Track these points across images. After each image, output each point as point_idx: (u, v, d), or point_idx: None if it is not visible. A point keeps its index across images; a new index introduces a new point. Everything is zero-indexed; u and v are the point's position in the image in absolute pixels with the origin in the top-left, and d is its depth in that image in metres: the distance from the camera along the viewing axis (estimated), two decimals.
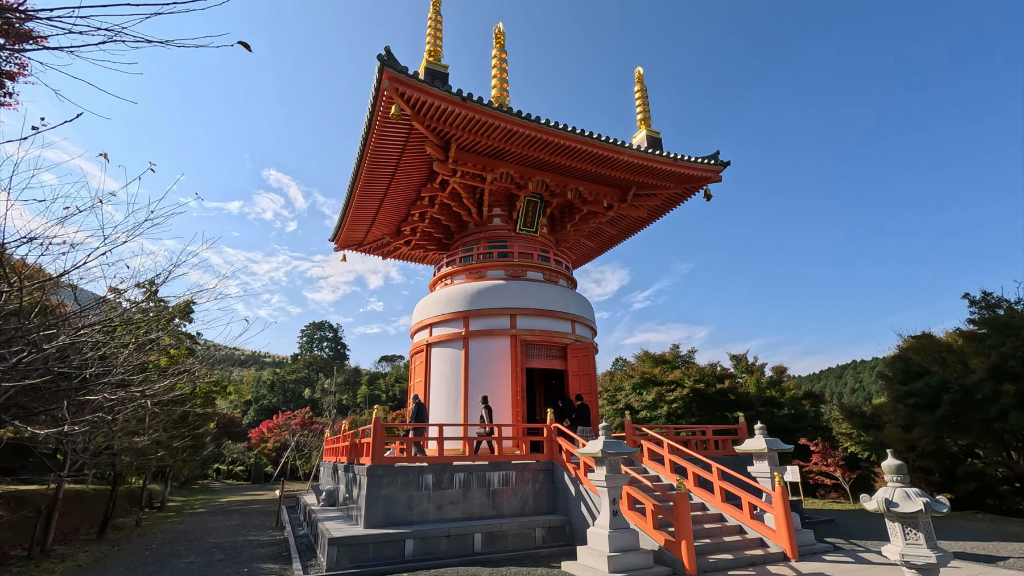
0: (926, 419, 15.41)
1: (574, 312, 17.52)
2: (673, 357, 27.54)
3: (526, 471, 12.43)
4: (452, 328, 16.82)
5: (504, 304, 16.60)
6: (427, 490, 11.19)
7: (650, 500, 9.57)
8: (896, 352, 17.96)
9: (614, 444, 9.16)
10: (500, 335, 16.27)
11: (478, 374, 15.95)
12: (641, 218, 21.11)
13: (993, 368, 13.87)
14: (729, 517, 10.80)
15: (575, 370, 16.71)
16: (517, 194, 18.35)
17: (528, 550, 10.79)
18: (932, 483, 19.28)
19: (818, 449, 21.57)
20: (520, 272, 17.76)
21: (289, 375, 74.18)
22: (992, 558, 9.72)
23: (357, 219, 20.10)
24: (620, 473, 9.19)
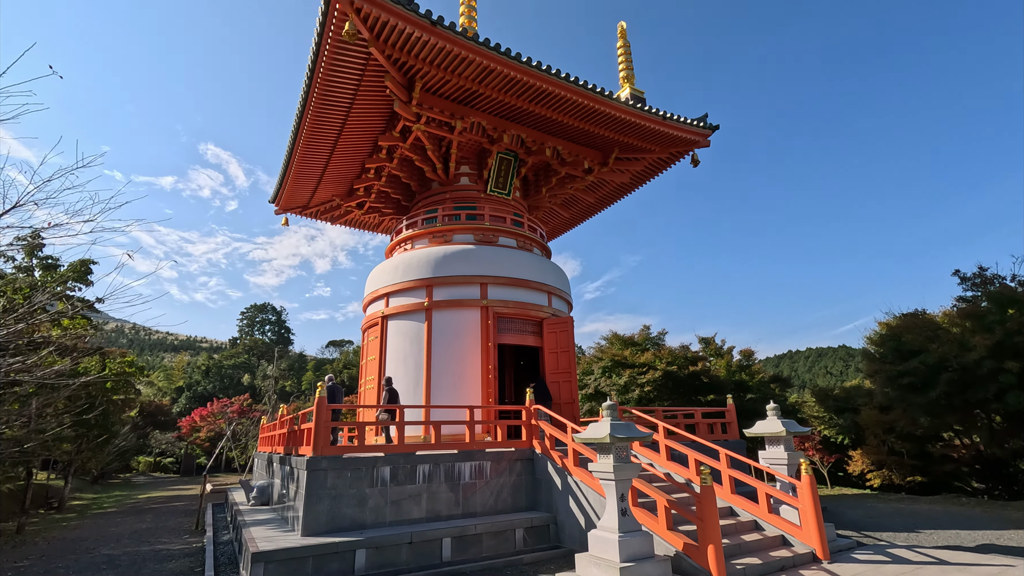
0: (918, 400, 14.71)
1: (551, 283, 15.69)
2: (643, 339, 26.35)
3: (502, 460, 10.54)
4: (412, 298, 14.60)
5: (473, 271, 14.54)
6: (383, 485, 9.08)
7: (662, 495, 7.89)
8: (884, 331, 17.31)
9: (624, 427, 7.39)
10: (469, 306, 14.22)
11: (443, 350, 13.86)
12: (622, 185, 19.48)
13: (996, 345, 13.21)
14: (742, 511, 9.31)
15: (552, 347, 14.91)
16: (489, 149, 16.24)
17: (507, 556, 8.92)
18: (907, 465, 18.91)
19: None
20: (491, 237, 15.72)
21: (227, 360, 69.01)
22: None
23: (302, 175, 17.35)
24: (631, 463, 7.43)
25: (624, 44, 18.88)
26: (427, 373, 13.67)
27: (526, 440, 11.11)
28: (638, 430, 7.50)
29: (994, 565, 7.54)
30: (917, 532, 10.45)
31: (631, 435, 7.30)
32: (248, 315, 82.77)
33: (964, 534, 10.13)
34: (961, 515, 12.38)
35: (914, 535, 10.18)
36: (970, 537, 9.85)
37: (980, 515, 12.35)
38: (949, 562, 7.77)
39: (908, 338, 15.61)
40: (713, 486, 7.27)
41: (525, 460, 10.90)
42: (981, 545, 9.18)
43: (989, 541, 9.47)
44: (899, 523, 11.41)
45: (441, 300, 14.30)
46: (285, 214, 20.37)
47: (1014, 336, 13.09)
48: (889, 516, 12.51)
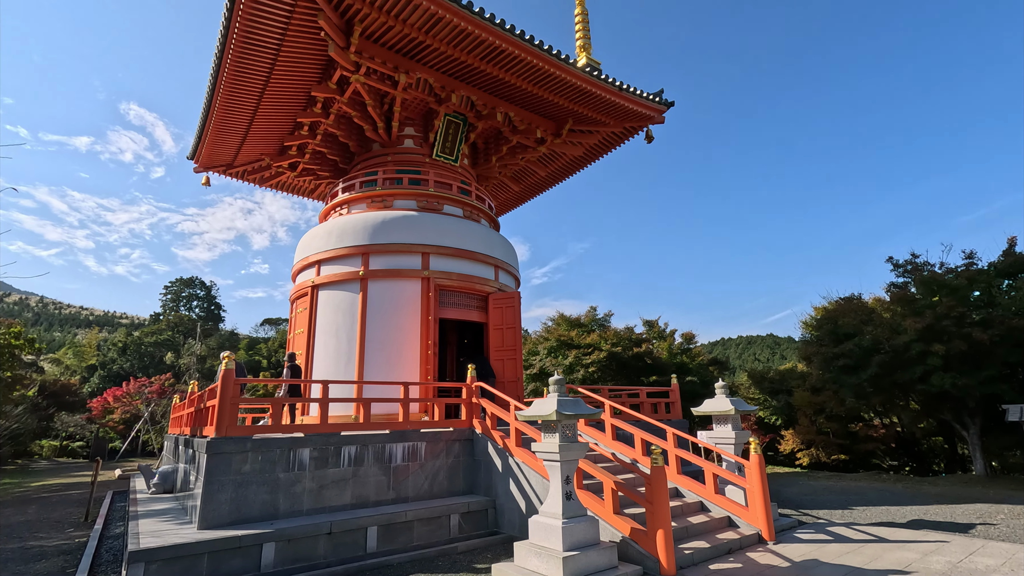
0: (851, 381, 15.17)
1: (498, 256, 14.86)
2: (589, 320, 26.17)
3: (439, 441, 9.71)
4: (347, 266, 13.35)
5: (415, 240, 13.46)
6: (302, 470, 8.03)
7: (609, 476, 7.33)
8: (821, 314, 17.80)
9: (571, 403, 6.72)
10: (409, 277, 13.16)
11: (379, 323, 12.77)
12: (575, 159, 18.83)
13: (926, 328, 13.71)
14: (688, 492, 8.98)
15: (497, 323, 14.14)
16: (436, 110, 15.06)
17: (441, 544, 8.15)
18: (833, 444, 19.76)
19: None
20: (435, 204, 14.64)
21: (147, 337, 63.79)
22: (956, 526, 8.88)
23: (224, 128, 15.46)
24: (578, 443, 6.79)
25: (582, 12, 18.05)
26: (361, 348, 12.55)
27: (466, 420, 10.33)
28: (586, 407, 6.86)
29: (930, 541, 7.54)
30: (851, 509, 10.58)
31: (579, 412, 6.65)
32: (173, 289, 76.93)
33: (894, 510, 10.34)
34: (887, 491, 12.80)
35: (849, 512, 10.29)
36: (900, 513, 10.04)
37: (903, 491, 12.81)
38: (888, 539, 7.72)
39: (844, 321, 16.07)
40: (664, 466, 6.77)
41: (464, 441, 10.12)
42: (912, 521, 9.33)
43: (918, 517, 9.66)
44: (833, 500, 11.59)
45: (378, 269, 13.15)
46: (206, 172, 18.29)
47: (942, 320, 13.63)
48: (822, 493, 12.75)
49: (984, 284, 14.48)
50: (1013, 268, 14.64)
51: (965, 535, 8.12)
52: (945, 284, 14.61)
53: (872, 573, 6.22)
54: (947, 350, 13.30)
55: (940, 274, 15.13)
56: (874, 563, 6.60)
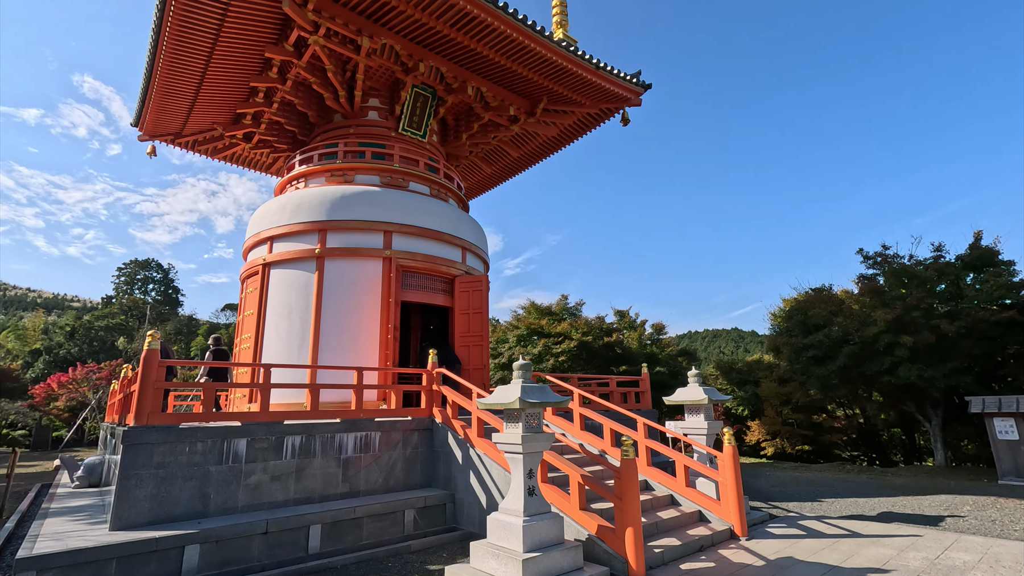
0: (819, 372, 15.12)
1: (466, 237, 14.13)
2: (560, 309, 25.72)
3: (395, 431, 9.01)
4: (302, 243, 12.42)
5: (377, 217, 12.60)
6: (237, 462, 7.22)
7: (575, 469, 6.78)
8: (792, 305, 17.75)
9: (537, 391, 6.12)
10: (369, 256, 12.32)
11: (336, 305, 11.92)
12: (550, 140, 18.17)
13: (896, 320, 13.70)
14: (657, 485, 8.55)
15: (463, 307, 13.45)
16: (403, 80, 14.15)
17: (393, 543, 7.49)
18: (798, 435, 19.88)
19: None
20: (400, 181, 13.78)
21: (98, 321, 60.55)
22: (926, 518, 8.72)
23: (169, 91, 14.17)
24: (543, 433, 6.21)
25: None
26: (315, 331, 11.69)
27: (425, 408, 9.65)
28: (553, 394, 6.27)
29: (903, 536, 7.29)
30: (820, 501, 10.40)
31: (545, 400, 6.06)
32: (127, 272, 73.23)
33: (862, 502, 10.18)
34: (853, 483, 12.75)
35: (819, 504, 10.08)
36: (868, 505, 9.88)
37: (868, 482, 12.78)
38: (861, 534, 7.44)
39: (814, 312, 16.01)
40: (635, 459, 6.25)
41: (423, 431, 9.45)
42: (882, 514, 9.15)
43: (887, 509, 9.51)
44: (802, 492, 11.42)
45: (336, 247, 12.26)
46: (151, 141, 16.90)
47: (912, 311, 13.64)
48: (789, 484, 12.61)
49: (952, 276, 14.58)
50: (980, 261, 14.79)
51: (936, 528, 7.94)
52: (915, 275, 14.66)
53: (850, 572, 5.87)
54: (915, 342, 13.31)
55: (910, 265, 15.20)
56: (851, 560, 6.26)
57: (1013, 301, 13.74)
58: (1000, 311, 13.49)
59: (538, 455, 6.20)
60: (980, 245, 15.10)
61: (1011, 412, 12.06)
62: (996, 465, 12.24)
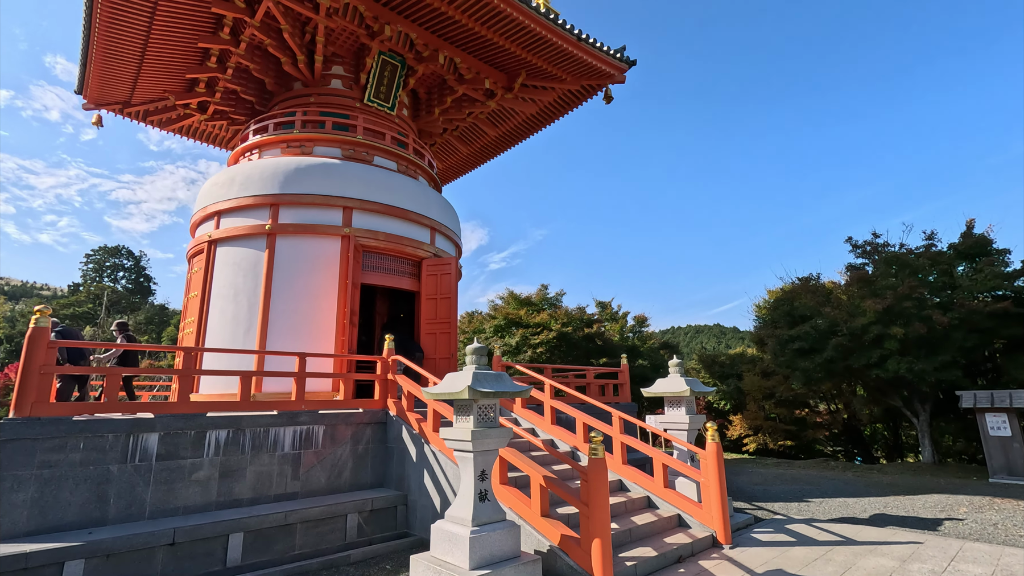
0: (805, 365, 14.48)
1: (435, 218, 13.13)
2: (540, 299, 24.84)
3: (344, 425, 8.04)
4: (251, 219, 11.32)
5: (336, 191, 11.54)
6: (147, 461, 6.20)
7: (538, 469, 5.90)
8: (779, 295, 17.11)
9: (491, 379, 5.21)
10: (326, 234, 11.27)
11: (287, 287, 10.86)
12: (530, 118, 17.19)
13: (886, 310, 13.08)
14: (633, 486, 7.72)
15: (431, 292, 12.48)
16: (368, 46, 13.06)
17: (331, 553, 6.54)
18: (781, 430, 19.34)
19: None
20: (364, 155, 12.71)
21: (64, 309, 58.13)
22: (923, 522, 8.04)
23: (111, 53, 12.88)
24: (498, 428, 5.30)
25: None
26: (264, 316, 10.62)
27: (379, 399, 8.69)
28: (512, 384, 5.37)
29: (903, 543, 6.57)
30: (807, 501, 9.70)
31: (500, 390, 5.15)
32: (96, 259, 70.44)
33: (852, 503, 9.51)
34: (839, 481, 12.12)
35: (806, 505, 9.38)
36: (859, 506, 9.21)
37: (855, 480, 12.17)
38: (856, 540, 6.70)
39: (801, 302, 15.37)
40: (605, 458, 5.38)
41: (376, 425, 8.50)
42: (874, 516, 8.46)
43: (879, 511, 8.83)
44: (787, 491, 10.73)
45: (289, 224, 11.19)
46: (97, 110, 15.56)
47: (904, 301, 13.03)
48: (774, 482, 11.94)
49: (945, 266, 14.01)
50: (973, 250, 14.27)
51: (937, 534, 7.25)
52: (908, 263, 14.06)
53: None
54: (906, 334, 12.71)
55: (902, 254, 14.60)
56: (849, 573, 5.49)
57: (1007, 291, 13.23)
58: (994, 302, 12.97)
59: (492, 454, 5.30)
60: (972, 234, 14.58)
61: (1004, 407, 11.53)
62: (987, 463, 11.71)
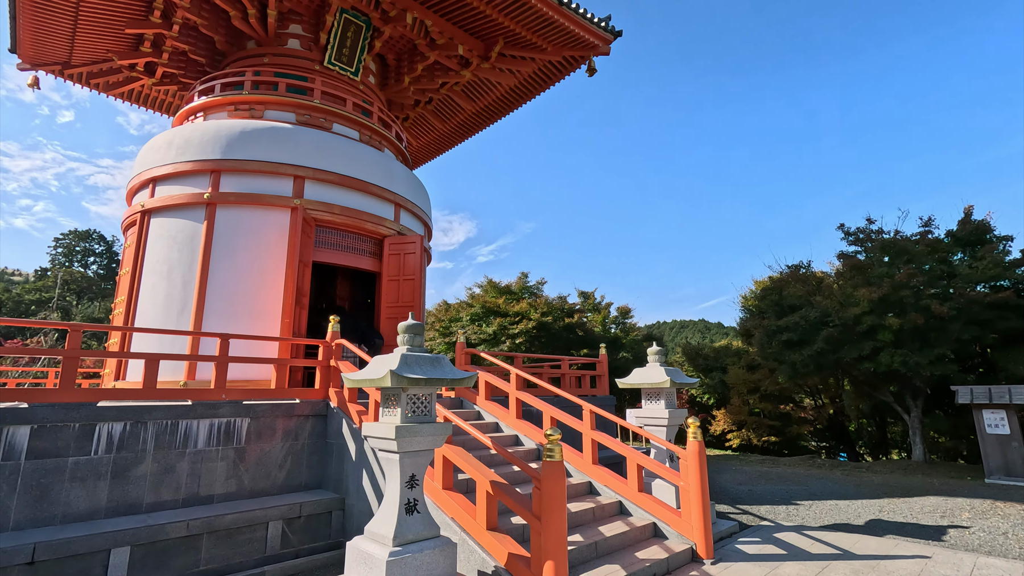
0: (794, 357, 13.72)
1: (401, 192, 12.05)
2: (520, 288, 23.86)
3: (277, 417, 7.00)
4: (189, 187, 10.14)
5: (286, 158, 10.40)
6: (14, 459, 5.11)
7: (485, 473, 4.93)
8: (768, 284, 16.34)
9: (423, 362, 4.22)
10: (273, 205, 10.14)
11: (227, 264, 9.73)
12: (509, 92, 16.09)
13: (881, 300, 12.33)
14: (604, 489, 6.80)
15: (393, 273, 11.43)
16: (328, 2, 11.89)
17: (244, 569, 5.53)
18: (765, 425, 18.67)
19: None
20: (321, 121, 11.57)
21: (28, 294, 55.82)
22: (924, 530, 7.25)
23: (40, 5, 11.57)
24: (432, 422, 4.31)
25: None
26: (200, 295, 9.49)
27: (320, 388, 7.66)
28: (451, 369, 4.38)
29: (908, 557, 5.74)
30: (796, 504, 8.89)
31: (435, 376, 4.15)
32: (65, 243, 67.84)
33: (844, 505, 8.72)
34: (827, 480, 11.38)
35: (795, 509, 8.57)
36: (852, 510, 8.42)
37: (844, 480, 11.44)
38: (855, 554, 5.86)
39: (791, 291, 14.58)
40: (563, 461, 4.43)
41: (317, 417, 7.48)
42: (870, 522, 7.67)
43: (874, 516, 8.04)
44: (773, 493, 9.92)
45: (232, 193, 10.03)
46: (34, 71, 14.17)
47: (900, 289, 12.29)
48: (758, 481, 11.15)
49: (943, 253, 13.29)
50: (972, 237, 13.58)
51: (943, 545, 6.45)
52: (906, 250, 13.31)
53: None
54: (901, 325, 11.98)
55: (902, 239, 13.86)
56: None
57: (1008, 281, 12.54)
58: (995, 292, 12.29)
59: (424, 455, 4.31)
60: (971, 220, 13.89)
61: (1002, 404, 10.86)
62: (983, 462, 11.04)
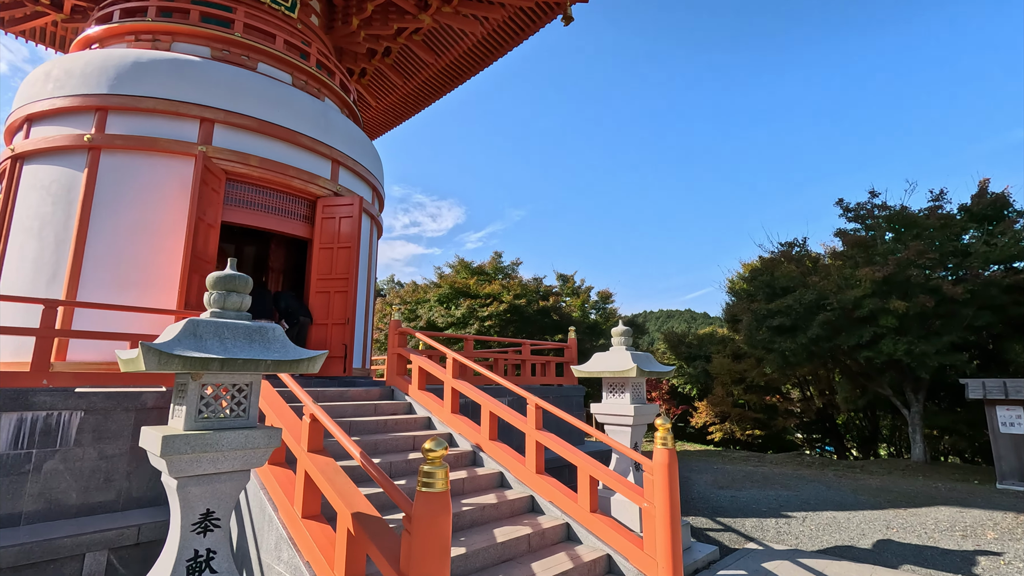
0: (786, 345, 12.36)
1: (340, 147, 10.33)
2: (494, 268, 22.26)
3: (126, 410, 5.38)
4: (68, 127, 8.34)
5: (191, 97, 8.62)
6: None
7: (351, 499, 3.37)
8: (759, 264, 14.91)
9: (231, 333, 2.62)
10: (172, 152, 8.37)
11: (112, 222, 7.99)
12: (477, 44, 14.28)
13: (885, 280, 10.96)
14: (549, 506, 5.30)
15: (326, 240, 9.77)
16: None
17: None
18: (749, 418, 17.43)
19: None
20: (243, 59, 9.77)
21: None
22: (948, 556, 5.88)
23: None
24: (248, 429, 2.73)
25: None
26: (76, 257, 7.75)
27: None
28: (284, 345, 2.80)
29: None
30: (788, 517, 7.52)
31: (245, 356, 2.57)
32: None
33: (843, 519, 7.36)
34: (819, 483, 10.05)
35: (786, 523, 7.18)
36: (854, 524, 7.06)
37: (837, 483, 10.13)
38: None
39: (784, 271, 13.16)
40: (447, 491, 2.88)
41: None
42: (879, 543, 6.29)
43: (883, 534, 6.69)
44: (760, 500, 8.55)
45: (120, 136, 8.25)
46: None
47: (908, 268, 10.91)
48: (742, 484, 9.80)
49: (956, 229, 11.91)
50: (990, 212, 12.23)
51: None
52: (915, 223, 11.92)
53: None
54: (908, 309, 10.63)
55: (910, 213, 12.46)
56: None
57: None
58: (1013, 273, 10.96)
59: (228, 481, 2.74)
60: (987, 193, 12.52)
61: (1020, 399, 9.59)
62: (995, 464, 9.80)
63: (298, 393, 4.31)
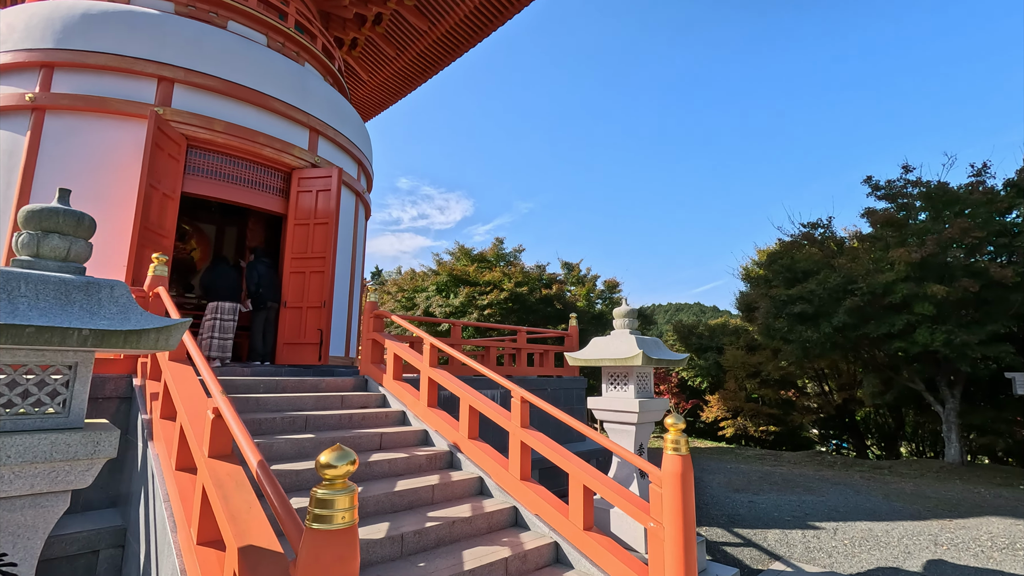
0: (808, 335, 11.34)
1: (320, 116, 9.42)
2: (495, 255, 21.33)
3: None
4: (9, 85, 7.50)
5: (147, 54, 7.74)
6: None
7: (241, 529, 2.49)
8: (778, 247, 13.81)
9: (38, 289, 1.71)
10: (127, 114, 7.52)
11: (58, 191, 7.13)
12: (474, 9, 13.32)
13: (922, 262, 9.90)
14: (535, 520, 4.41)
15: (302, 216, 8.90)
16: None
17: None
18: (764, 414, 16.44)
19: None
20: (211, 15, 8.87)
21: None
22: None
23: None
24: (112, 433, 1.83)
25: None
26: (15, 227, 6.95)
27: (125, 359, 5.21)
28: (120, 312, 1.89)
29: None
30: (815, 528, 6.58)
31: (48, 323, 1.67)
32: None
33: (881, 531, 6.41)
34: (846, 487, 9.10)
35: (815, 536, 6.25)
36: (894, 539, 6.11)
37: (866, 487, 9.17)
38: None
39: (805, 253, 12.10)
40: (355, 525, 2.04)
41: (121, 400, 5.05)
42: (929, 564, 5.35)
43: (931, 552, 5.74)
44: (781, 505, 7.62)
45: (67, 95, 7.40)
46: None
47: (948, 248, 9.86)
48: (760, 487, 8.86)
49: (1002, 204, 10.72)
50: None
51: None
52: (957, 199, 10.79)
53: None
54: (947, 293, 9.57)
55: (951, 188, 11.29)
56: None
57: None
58: None
59: (34, 506, 1.85)
60: None
61: None
62: None
63: (206, 378, 3.44)
